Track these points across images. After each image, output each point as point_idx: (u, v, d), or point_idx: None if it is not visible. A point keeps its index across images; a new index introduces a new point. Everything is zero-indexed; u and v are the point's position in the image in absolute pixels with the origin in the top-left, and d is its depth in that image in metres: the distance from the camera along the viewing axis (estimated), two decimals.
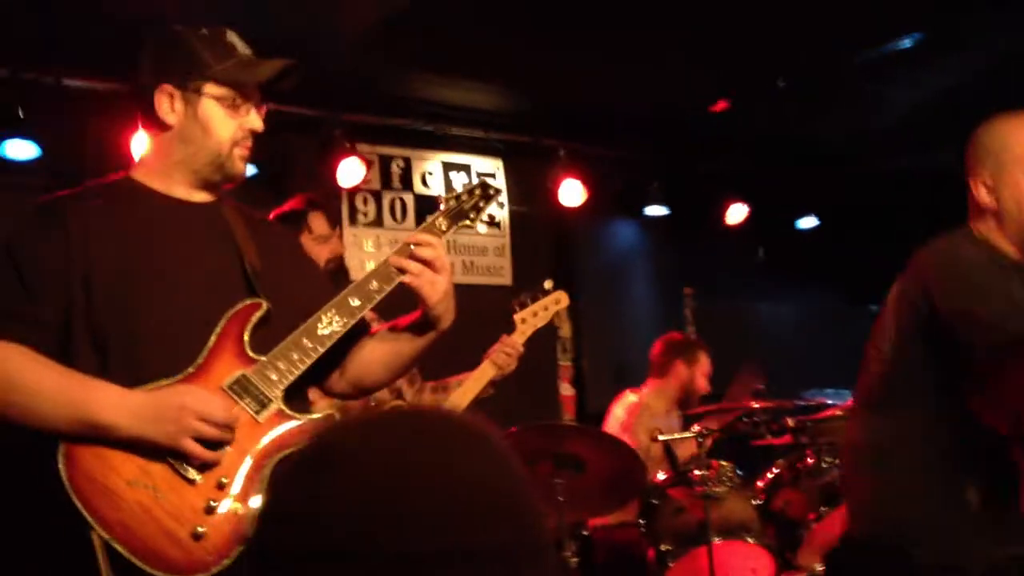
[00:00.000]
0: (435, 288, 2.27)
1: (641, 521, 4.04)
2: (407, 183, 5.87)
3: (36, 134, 4.42)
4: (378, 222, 5.75)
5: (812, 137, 6.67)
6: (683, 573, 3.84)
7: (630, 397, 5.05)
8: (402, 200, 5.86)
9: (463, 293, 2.45)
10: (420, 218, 5.90)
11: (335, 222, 3.83)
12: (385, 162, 5.83)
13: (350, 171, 5.27)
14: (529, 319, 3.66)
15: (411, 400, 3.76)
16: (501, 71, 5.41)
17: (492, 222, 2.31)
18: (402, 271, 2.27)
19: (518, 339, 3.64)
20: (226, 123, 2.21)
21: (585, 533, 4.28)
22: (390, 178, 5.82)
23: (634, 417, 4.89)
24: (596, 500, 3.89)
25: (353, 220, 5.66)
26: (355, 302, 2.25)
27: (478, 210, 2.45)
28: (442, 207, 2.42)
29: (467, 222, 2.44)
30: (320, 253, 3.61)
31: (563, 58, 5.15)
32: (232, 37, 2.25)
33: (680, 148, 6.48)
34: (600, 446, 3.77)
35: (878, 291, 8.37)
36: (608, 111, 5.94)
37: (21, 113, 4.37)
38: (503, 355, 3.60)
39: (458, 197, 2.44)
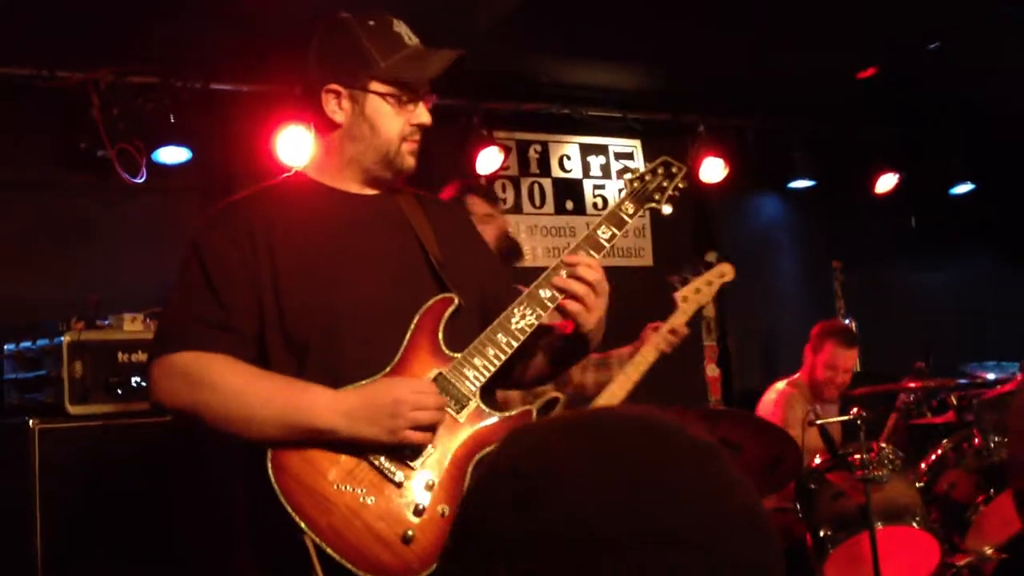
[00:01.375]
0: (594, 313, 2.19)
1: (797, 505, 3.93)
2: (545, 168, 5.86)
3: (186, 138, 4.57)
4: (517, 208, 5.75)
5: (964, 100, 6.36)
6: (845, 559, 3.72)
7: (778, 386, 4.92)
8: (540, 185, 5.85)
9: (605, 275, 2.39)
10: (559, 203, 5.89)
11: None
12: (523, 148, 5.83)
13: (488, 158, 5.29)
14: (691, 296, 3.50)
15: (577, 377, 3.71)
16: (635, 49, 5.32)
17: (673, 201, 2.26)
18: (564, 291, 2.18)
19: (680, 318, 3.47)
20: (394, 119, 2.18)
21: None
22: (528, 163, 5.82)
23: (783, 409, 4.77)
24: (754, 484, 3.80)
25: None
26: (545, 293, 2.19)
27: (662, 190, 2.38)
28: (626, 190, 2.36)
29: (653, 204, 2.36)
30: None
31: (699, 32, 5.04)
32: (399, 27, 2.20)
33: (825, 117, 6.28)
34: (755, 430, 3.68)
35: None
36: (748, 83, 5.79)
37: (172, 118, 4.52)
38: (667, 338, 3.44)
39: (642, 178, 2.37)
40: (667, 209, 2.41)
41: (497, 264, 2.59)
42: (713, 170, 5.92)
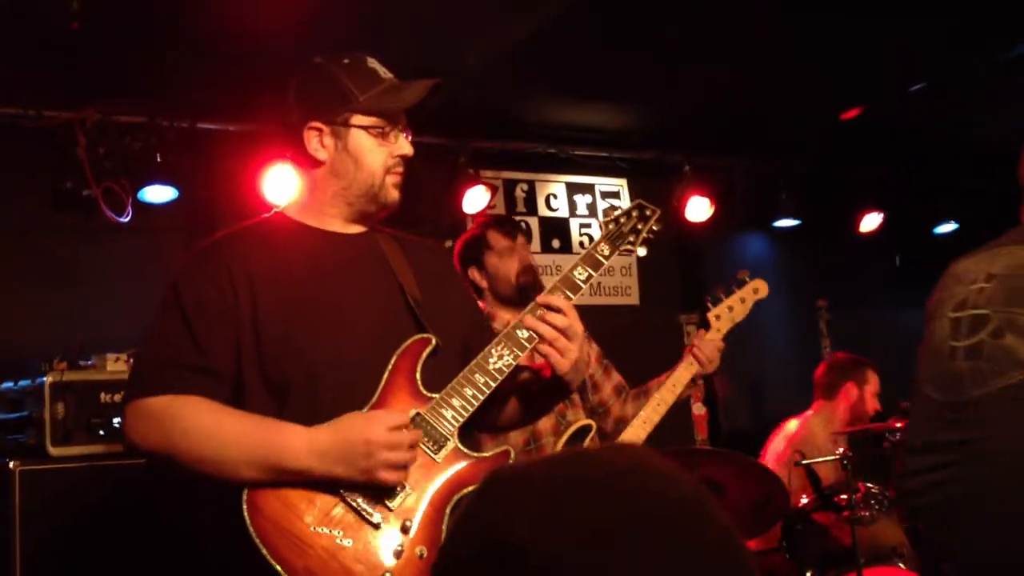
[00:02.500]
0: (567, 357, 2.19)
1: (784, 546, 3.91)
2: (532, 207, 5.88)
3: (172, 177, 4.57)
4: None
5: (947, 141, 6.42)
6: None
7: (790, 425, 4.89)
8: (527, 224, 5.87)
9: (591, 314, 2.40)
10: (545, 241, 5.90)
11: (513, 233, 3.75)
12: (509, 187, 5.85)
13: (475, 198, 5.31)
14: (724, 314, 3.50)
15: (617, 410, 3.70)
16: (622, 90, 5.37)
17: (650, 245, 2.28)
18: (536, 334, 2.19)
19: (714, 336, 3.48)
20: (376, 152, 2.19)
21: None
22: (515, 202, 5.84)
23: (794, 445, 4.74)
24: (737, 525, 3.78)
25: None
26: (523, 333, 2.20)
27: (637, 232, 2.40)
28: (601, 232, 2.38)
29: (628, 246, 2.39)
30: (509, 267, 3.60)
31: (685, 72, 5.08)
32: (373, 63, 2.23)
33: (810, 158, 6.33)
34: (740, 470, 3.66)
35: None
36: (734, 123, 5.84)
37: (159, 158, 4.53)
38: (702, 355, 3.44)
39: (617, 220, 2.39)
40: (641, 251, 2.44)
41: (475, 305, 2.60)
42: (699, 209, 5.95)
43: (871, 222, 6.49)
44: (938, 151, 6.44)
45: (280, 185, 4.47)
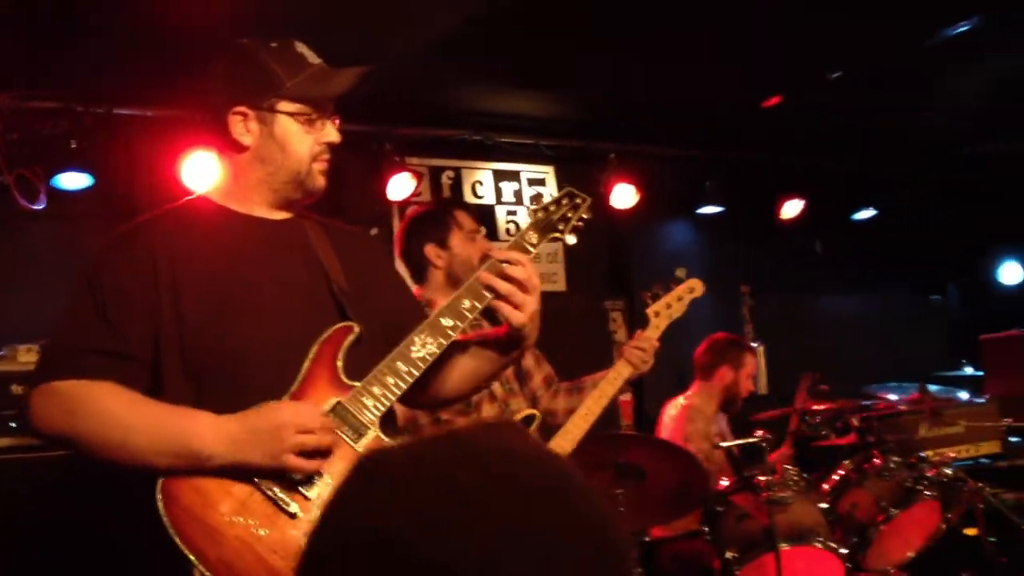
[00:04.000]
0: (525, 309, 2.20)
1: (705, 529, 3.97)
2: (458, 194, 5.86)
3: (88, 164, 4.48)
4: None
5: (866, 129, 6.55)
6: None
7: (679, 401, 4.99)
8: None
9: None
10: None
11: (478, 219, 3.73)
12: (435, 174, 5.83)
13: (400, 185, 5.28)
14: (663, 311, 3.55)
15: (546, 403, 3.71)
16: (549, 78, 5.38)
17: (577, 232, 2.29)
18: (491, 289, 2.20)
19: (652, 334, 3.52)
20: (303, 139, 2.17)
21: (648, 541, 4.23)
22: (441, 189, 5.82)
23: (685, 423, 4.83)
24: (658, 509, 3.84)
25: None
26: (448, 322, 2.19)
27: (566, 221, 2.39)
28: (530, 220, 2.37)
29: (557, 234, 2.38)
30: (472, 251, 3.53)
31: (611, 61, 5.10)
32: (301, 48, 2.20)
33: (733, 145, 6.41)
34: (661, 454, 3.71)
35: (940, 281, 8.35)
36: (659, 111, 5.89)
37: (74, 144, 4.43)
38: (638, 352, 3.47)
39: (546, 208, 2.39)
40: (571, 239, 2.43)
41: (407, 293, 2.58)
42: (625, 196, 5.99)
43: (793, 209, 6.60)
44: (857, 139, 6.57)
45: (199, 172, 4.40)
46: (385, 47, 4.54)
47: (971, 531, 4.43)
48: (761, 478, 3.81)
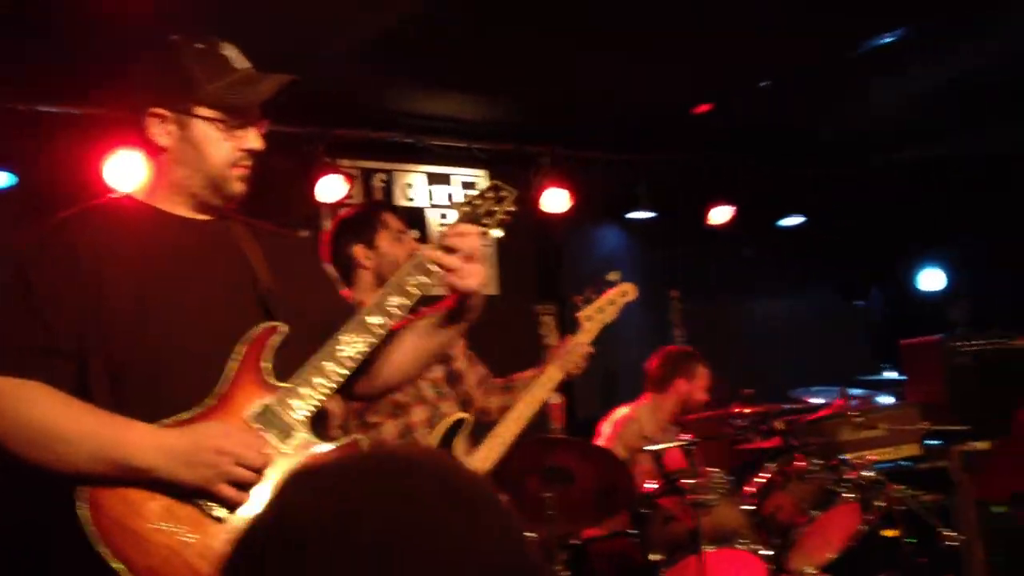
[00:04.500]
0: (476, 278, 2.20)
1: (634, 531, 4.01)
2: (390, 197, 5.85)
3: (10, 162, 4.39)
4: None
5: (796, 135, 6.67)
6: None
7: (620, 411, 5.01)
8: None
9: None
10: None
11: (405, 221, 3.71)
12: (367, 176, 5.80)
13: (331, 187, 5.25)
14: (596, 315, 3.57)
15: (480, 401, 3.70)
16: (481, 81, 5.39)
17: (507, 225, 2.30)
18: (441, 266, 2.19)
19: (585, 338, 3.54)
20: (221, 145, 2.13)
21: (577, 543, 4.25)
22: (372, 192, 5.80)
23: (619, 429, 4.87)
24: (586, 512, 3.86)
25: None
26: (375, 320, 2.17)
27: (492, 214, 2.39)
28: (458, 215, 2.37)
29: (483, 227, 2.38)
30: (400, 252, 3.49)
31: (544, 64, 5.13)
32: (228, 50, 2.16)
33: (664, 151, 6.48)
34: (588, 457, 3.74)
35: (865, 287, 8.49)
36: (591, 116, 5.94)
37: None
38: (570, 357, 3.49)
39: (472, 202, 2.39)
40: (497, 232, 2.44)
41: (336, 293, 2.57)
42: (557, 200, 6.03)
43: (722, 215, 6.70)
44: (786, 145, 6.69)
45: (124, 171, 4.34)
46: (318, 47, 4.52)
47: (890, 532, 4.53)
48: (686, 481, 3.86)
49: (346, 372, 2.14)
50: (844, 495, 4.21)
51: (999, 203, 6.73)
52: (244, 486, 1.97)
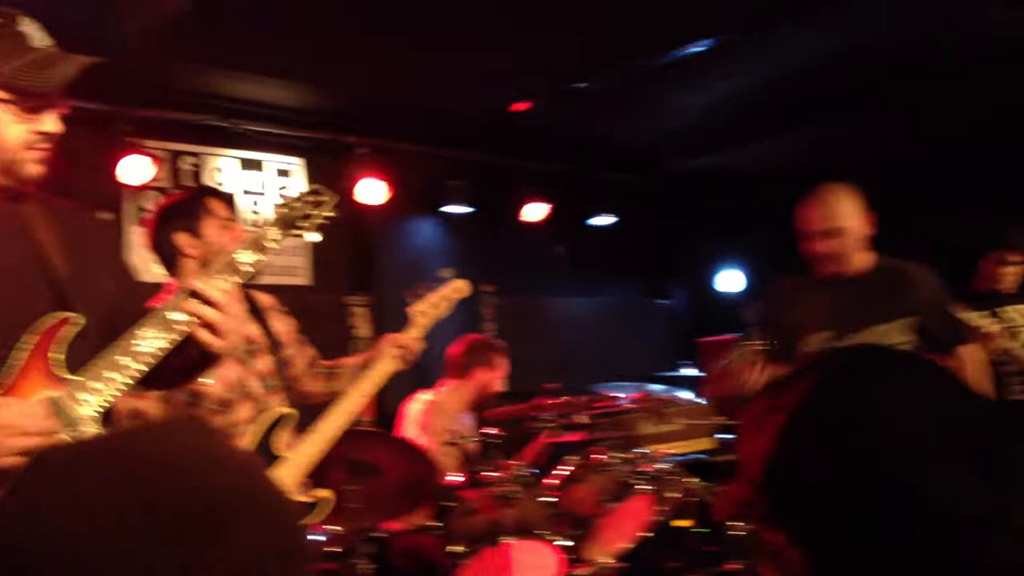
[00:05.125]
0: (224, 338, 2.15)
1: (437, 524, 4.05)
2: (198, 181, 5.68)
3: None
4: None
5: (609, 138, 6.87)
6: (473, 574, 3.88)
7: (424, 396, 5.05)
8: None
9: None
10: None
11: (233, 206, 3.52)
12: (175, 159, 5.62)
13: (135, 168, 5.07)
14: (427, 311, 3.55)
15: (305, 384, 3.61)
16: (300, 67, 5.32)
17: (320, 229, 2.27)
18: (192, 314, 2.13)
19: (415, 333, 3.51)
20: (13, 127, 2.03)
21: (381, 537, 4.26)
22: (180, 175, 5.62)
23: (431, 416, 4.91)
24: (391, 505, 3.87)
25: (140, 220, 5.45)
26: (177, 316, 2.11)
27: (309, 218, 2.37)
28: (273, 216, 2.33)
29: (298, 230, 2.35)
30: (227, 240, 3.32)
31: (363, 55, 5.10)
32: (26, 26, 2.05)
33: (482, 146, 6.56)
34: (394, 450, 3.76)
35: (668, 286, 8.79)
36: (410, 109, 5.94)
37: None
38: (401, 352, 3.46)
39: (288, 204, 2.36)
40: (313, 237, 2.42)
41: (132, 281, 2.49)
42: (373, 192, 6.01)
43: (536, 212, 6.83)
44: (598, 147, 6.88)
45: None
46: (127, 23, 4.36)
47: (682, 523, 4.74)
48: (491, 474, 3.93)
49: (143, 368, 2.07)
50: (640, 487, 4.38)
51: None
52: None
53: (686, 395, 6.17)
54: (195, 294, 2.15)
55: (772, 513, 1.03)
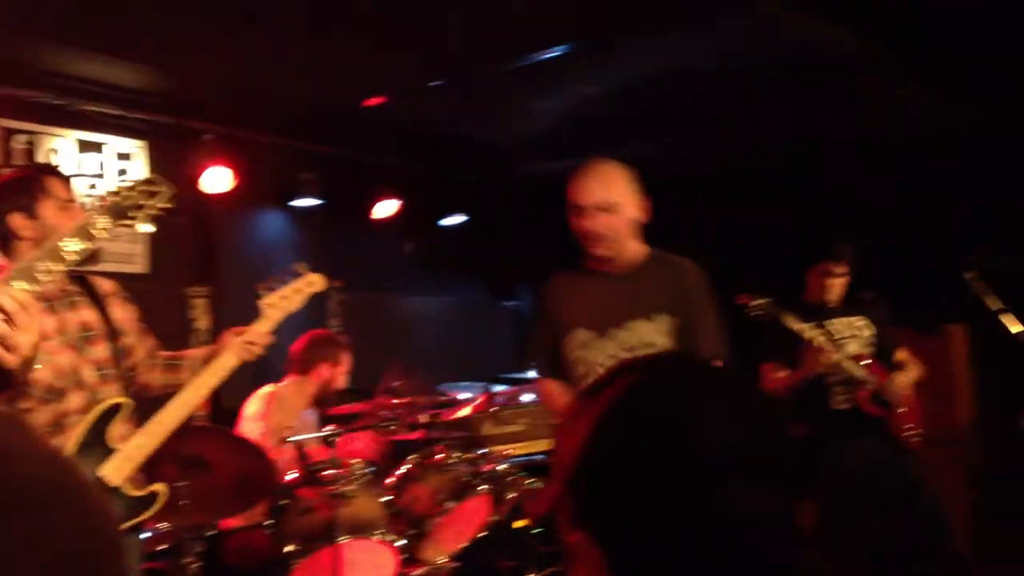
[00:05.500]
0: (15, 354, 2.08)
1: (270, 522, 3.98)
2: (32, 161, 5.41)
3: None
4: None
5: (462, 138, 6.88)
6: (309, 573, 3.83)
7: (266, 390, 4.96)
8: None
9: None
10: None
11: (72, 188, 3.31)
12: (8, 137, 5.34)
13: None
14: (279, 303, 3.44)
15: (143, 376, 3.43)
16: (145, 48, 5.13)
17: (155, 220, 2.18)
18: None
19: (264, 326, 3.40)
20: None
21: (212, 535, 4.16)
22: (11, 155, 5.33)
23: (271, 411, 4.81)
24: (224, 502, 3.78)
25: None
26: (19, 284, 2.04)
27: (141, 208, 2.28)
28: (102, 204, 2.23)
29: (129, 220, 2.27)
30: (66, 222, 3.03)
31: (213, 40, 4.97)
32: None
33: (333, 140, 6.47)
34: (227, 446, 3.68)
35: (516, 288, 8.86)
36: (260, 97, 5.82)
37: None
38: (248, 346, 3.34)
39: (120, 193, 2.27)
40: (146, 227, 2.37)
41: None
42: (219, 180, 5.86)
43: (387, 208, 6.79)
44: (451, 146, 6.88)
45: None
46: None
47: (519, 523, 4.79)
48: (328, 472, 3.88)
49: None
50: (479, 487, 4.40)
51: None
52: None
53: (529, 396, 6.24)
54: None
55: (577, 513, 1.04)
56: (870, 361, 4.74)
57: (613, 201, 3.33)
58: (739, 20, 4.92)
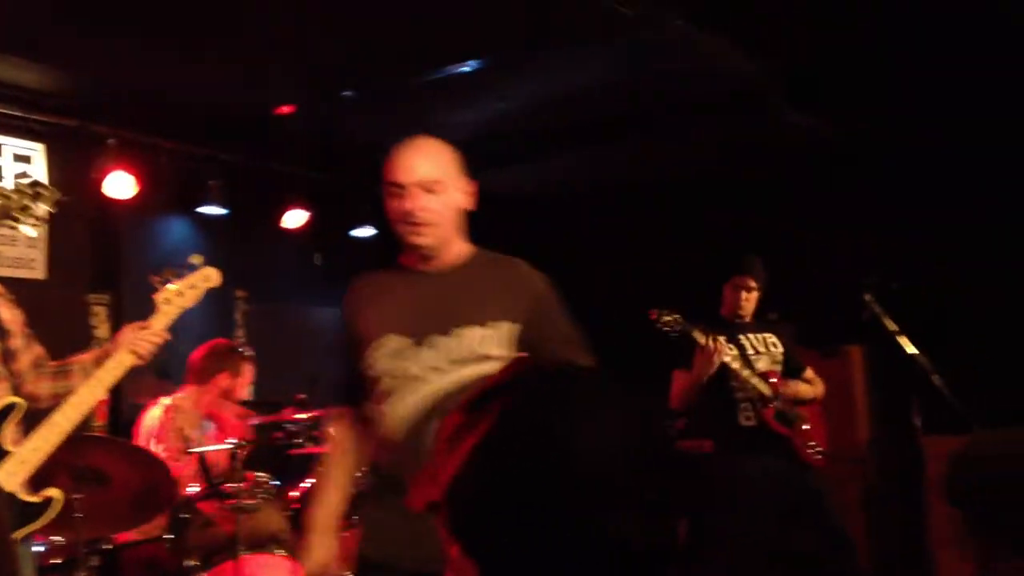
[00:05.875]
0: None
1: (169, 536, 3.87)
2: None
3: None
4: None
5: (376, 150, 6.81)
6: None
7: (164, 401, 4.84)
8: None
9: None
10: None
11: None
12: None
13: None
14: (174, 299, 3.29)
15: (29, 386, 3.27)
16: (45, 48, 5.00)
17: (40, 223, 2.11)
18: None
19: (159, 322, 3.26)
20: None
21: (109, 548, 4.04)
22: None
23: (169, 422, 4.70)
24: (121, 515, 3.68)
25: None
26: None
27: (26, 210, 2.22)
28: None
29: (13, 222, 2.20)
30: None
31: (117, 43, 4.87)
32: None
33: (242, 147, 6.37)
34: (125, 458, 3.57)
35: None
36: (166, 102, 5.71)
37: None
38: (143, 342, 3.20)
39: (5, 195, 2.20)
40: (30, 231, 2.30)
41: None
42: (121, 186, 5.72)
43: (295, 219, 6.70)
44: (362, 157, 6.83)
45: None
46: None
47: None
48: (230, 485, 3.80)
49: None
50: None
51: (554, 235, 7.34)
52: None
53: None
54: None
55: (452, 529, 1.04)
56: (775, 380, 4.83)
57: (439, 179, 2.82)
58: (648, 36, 5.00)
